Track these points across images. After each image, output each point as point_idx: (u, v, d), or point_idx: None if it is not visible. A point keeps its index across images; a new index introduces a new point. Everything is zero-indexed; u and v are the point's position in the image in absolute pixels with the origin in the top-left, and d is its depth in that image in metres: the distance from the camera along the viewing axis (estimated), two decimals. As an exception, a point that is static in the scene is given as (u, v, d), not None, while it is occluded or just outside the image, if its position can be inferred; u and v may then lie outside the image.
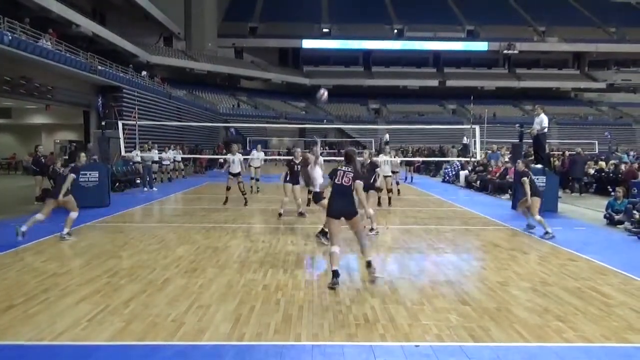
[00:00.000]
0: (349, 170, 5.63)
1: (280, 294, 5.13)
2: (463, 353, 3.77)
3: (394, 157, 14.61)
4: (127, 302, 4.83)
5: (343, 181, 5.59)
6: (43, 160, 13.85)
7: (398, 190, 14.71)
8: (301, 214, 10.41)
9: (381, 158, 12.23)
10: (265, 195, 14.57)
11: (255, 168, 15.71)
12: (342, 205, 5.53)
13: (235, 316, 4.47)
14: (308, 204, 11.10)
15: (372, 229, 8.41)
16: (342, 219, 5.53)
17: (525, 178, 8.67)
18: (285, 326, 4.25)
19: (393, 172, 13.76)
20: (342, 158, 5.88)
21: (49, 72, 20.06)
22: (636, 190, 11.22)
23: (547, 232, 8.22)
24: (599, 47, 56.79)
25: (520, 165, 9.43)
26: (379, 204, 11.97)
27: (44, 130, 31.14)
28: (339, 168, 5.70)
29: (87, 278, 5.64)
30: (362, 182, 5.76)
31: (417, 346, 3.87)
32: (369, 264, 5.57)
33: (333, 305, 4.80)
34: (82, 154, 9.19)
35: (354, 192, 5.62)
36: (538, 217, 8.45)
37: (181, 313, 4.53)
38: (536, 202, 8.60)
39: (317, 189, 8.59)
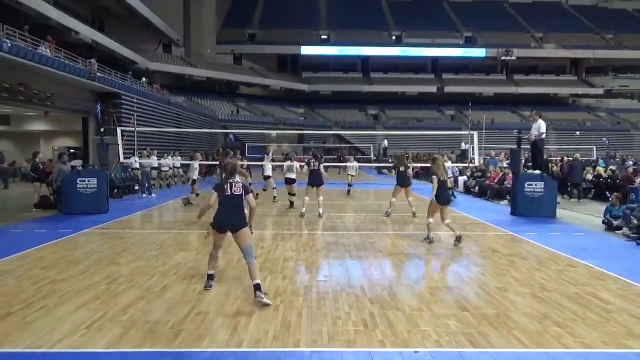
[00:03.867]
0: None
1: (279, 300, 5.12)
2: (462, 359, 3.77)
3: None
4: (125, 308, 4.82)
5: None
6: (41, 167, 13.83)
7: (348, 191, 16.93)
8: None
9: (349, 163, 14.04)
10: (261, 201, 14.54)
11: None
12: None
13: (234, 323, 4.47)
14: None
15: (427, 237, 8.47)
16: None
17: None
18: (284, 332, 4.24)
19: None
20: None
21: (47, 79, 20.09)
22: (634, 196, 11.23)
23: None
24: (596, 53, 56.96)
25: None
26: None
27: (42, 137, 31.20)
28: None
29: (86, 285, 5.63)
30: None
31: (416, 352, 3.87)
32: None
33: (332, 311, 4.80)
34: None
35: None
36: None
37: (180, 319, 4.52)
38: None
39: None
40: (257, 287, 5.01)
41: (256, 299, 4.95)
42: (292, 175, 13.10)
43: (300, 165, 13.05)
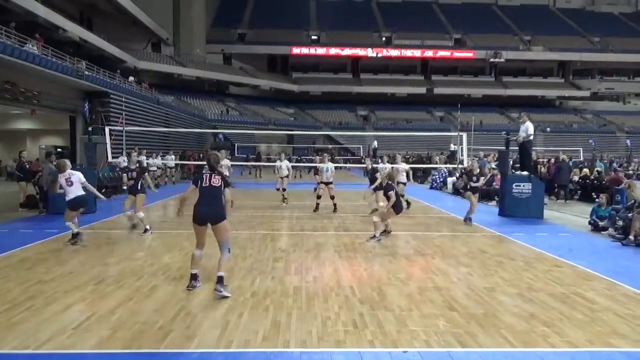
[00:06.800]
0: None
1: (269, 301, 5.12)
2: (451, 358, 3.79)
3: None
4: (113, 309, 4.78)
5: None
6: (27, 166, 13.66)
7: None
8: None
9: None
10: (254, 202, 14.51)
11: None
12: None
13: (223, 323, 4.45)
14: None
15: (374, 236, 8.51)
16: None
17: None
18: (274, 333, 4.24)
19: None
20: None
21: (34, 77, 19.86)
22: (619, 197, 11.39)
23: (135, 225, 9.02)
24: (583, 56, 57.73)
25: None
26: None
27: (29, 135, 30.83)
28: None
29: (73, 285, 5.57)
30: None
31: (405, 352, 3.89)
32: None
33: (321, 311, 4.80)
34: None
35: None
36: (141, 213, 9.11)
37: (168, 320, 4.50)
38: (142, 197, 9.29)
39: None
40: (219, 280, 5.20)
41: (215, 291, 5.15)
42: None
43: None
